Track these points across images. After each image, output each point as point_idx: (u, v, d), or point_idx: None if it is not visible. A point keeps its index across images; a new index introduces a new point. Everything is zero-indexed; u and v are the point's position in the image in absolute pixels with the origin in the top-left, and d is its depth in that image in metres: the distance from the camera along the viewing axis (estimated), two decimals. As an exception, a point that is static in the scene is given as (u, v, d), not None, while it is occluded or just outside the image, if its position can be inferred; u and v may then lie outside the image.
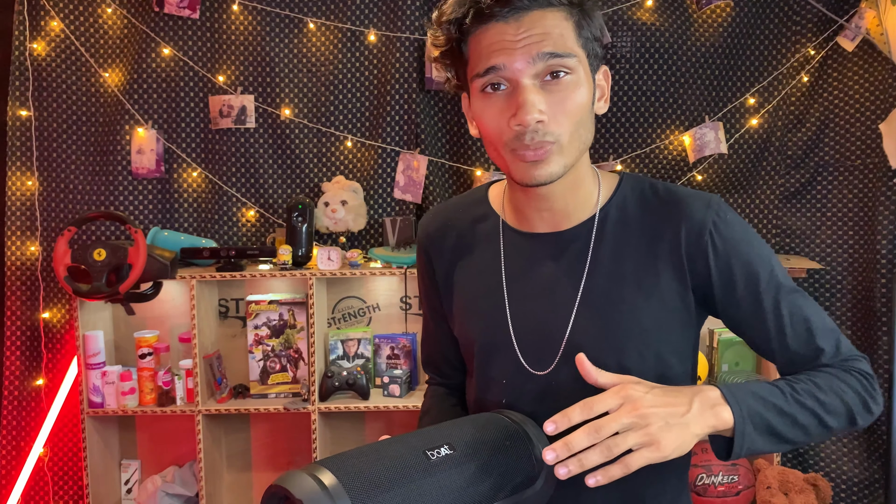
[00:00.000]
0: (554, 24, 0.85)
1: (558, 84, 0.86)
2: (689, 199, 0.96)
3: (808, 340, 0.94)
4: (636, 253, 0.95)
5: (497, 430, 0.87)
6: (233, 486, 2.66)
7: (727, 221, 0.94)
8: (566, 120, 0.87)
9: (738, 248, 0.93)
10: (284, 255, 2.35)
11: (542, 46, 0.84)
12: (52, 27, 2.50)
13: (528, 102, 0.85)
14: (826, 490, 2.30)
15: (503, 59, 0.85)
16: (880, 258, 2.43)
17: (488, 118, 0.89)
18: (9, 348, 2.53)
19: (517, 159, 0.89)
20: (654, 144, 2.54)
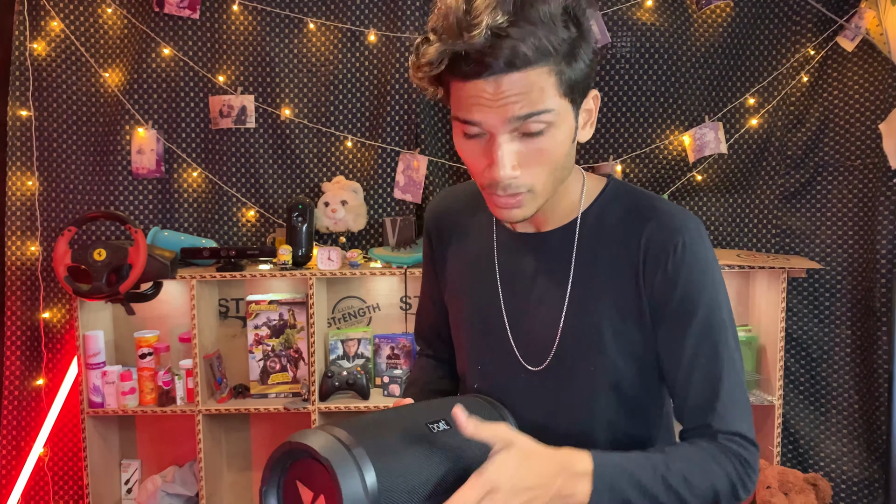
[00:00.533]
0: (533, 82, 0.83)
1: (534, 137, 0.87)
2: (666, 215, 0.96)
3: (708, 399, 0.94)
4: (607, 261, 0.97)
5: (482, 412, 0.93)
6: (233, 486, 2.67)
7: (692, 251, 0.93)
8: (541, 170, 0.89)
9: (688, 278, 0.93)
10: (284, 255, 2.35)
11: (519, 109, 0.84)
12: (52, 27, 2.50)
13: (502, 159, 0.86)
14: (826, 490, 2.30)
15: (480, 116, 0.86)
16: (880, 258, 2.43)
17: (467, 157, 0.92)
18: (9, 348, 2.53)
19: (492, 203, 0.92)
20: (654, 144, 2.54)
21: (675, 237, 0.93)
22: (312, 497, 0.76)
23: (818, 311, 2.55)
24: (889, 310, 2.40)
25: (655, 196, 1.01)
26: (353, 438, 0.77)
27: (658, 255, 0.93)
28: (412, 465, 0.79)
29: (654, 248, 0.94)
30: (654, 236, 0.94)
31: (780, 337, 2.36)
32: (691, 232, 0.94)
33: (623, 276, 0.96)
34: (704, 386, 0.94)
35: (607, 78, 2.51)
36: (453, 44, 0.82)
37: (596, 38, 0.90)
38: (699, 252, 0.94)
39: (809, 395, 2.58)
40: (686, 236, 0.94)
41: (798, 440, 2.56)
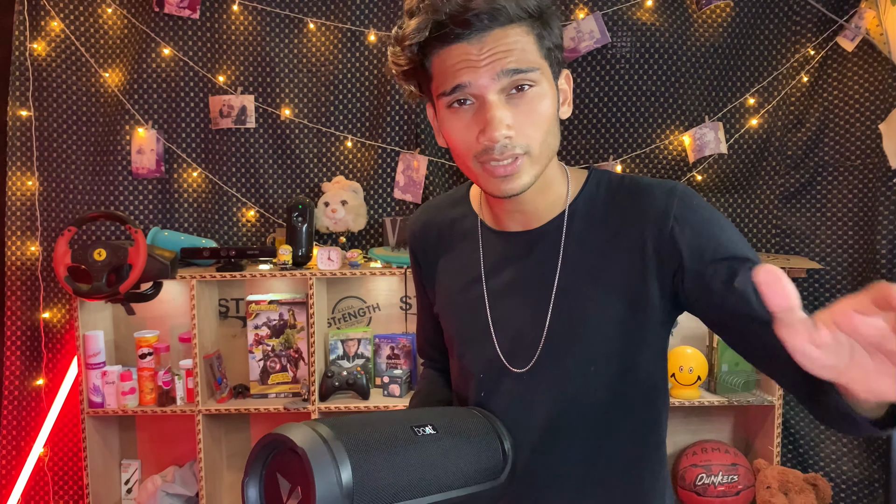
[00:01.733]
0: (515, 39, 0.86)
1: (523, 97, 0.87)
2: (651, 188, 0.94)
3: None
4: (602, 247, 0.95)
5: (473, 422, 0.93)
6: (233, 486, 2.66)
7: (691, 207, 0.92)
8: (534, 131, 0.88)
9: (706, 231, 0.90)
10: (284, 255, 2.35)
11: (506, 63, 0.85)
12: (52, 27, 2.50)
13: (495, 119, 0.86)
14: (826, 490, 2.30)
15: (468, 77, 0.86)
16: (880, 258, 2.43)
17: (456, 133, 0.90)
18: (9, 348, 2.53)
19: (487, 173, 0.90)
20: (654, 144, 2.54)
21: (670, 199, 0.92)
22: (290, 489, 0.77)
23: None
24: (889, 310, 2.39)
25: (636, 175, 1.00)
26: (334, 433, 0.78)
27: (668, 228, 0.90)
28: (392, 464, 0.80)
29: (659, 222, 0.91)
30: (653, 211, 0.92)
31: (780, 337, 2.35)
32: (681, 189, 0.93)
33: (620, 259, 0.93)
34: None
35: (607, 78, 2.51)
36: (434, 10, 0.85)
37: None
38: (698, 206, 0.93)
39: (809, 395, 2.57)
40: (678, 194, 0.92)
41: (798, 440, 2.56)
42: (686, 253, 0.89)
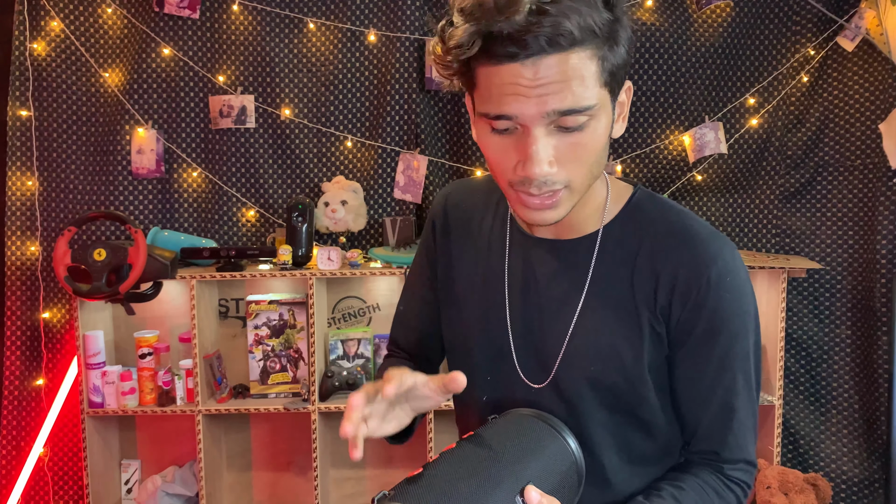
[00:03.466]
0: (576, 67, 0.75)
1: (573, 133, 0.79)
2: (700, 241, 0.89)
3: (721, 430, 0.92)
4: (630, 275, 0.91)
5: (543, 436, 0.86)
6: (233, 486, 2.67)
7: (725, 282, 0.88)
8: (577, 166, 0.81)
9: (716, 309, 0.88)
10: (284, 255, 2.35)
11: (559, 101, 0.76)
12: (52, 27, 2.50)
13: (538, 155, 0.78)
14: (826, 490, 2.30)
15: (516, 110, 0.77)
16: (880, 258, 2.43)
17: (493, 154, 0.83)
18: (9, 348, 2.53)
19: (521, 202, 0.84)
20: (654, 144, 2.54)
21: (709, 269, 0.87)
22: None
23: (818, 311, 2.55)
24: (889, 310, 2.40)
25: (688, 213, 0.93)
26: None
27: (689, 286, 0.87)
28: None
29: (685, 276, 0.88)
30: (686, 263, 0.88)
31: (780, 337, 2.36)
32: (726, 261, 0.88)
33: (645, 296, 0.90)
34: (719, 416, 0.92)
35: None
36: (488, 23, 0.74)
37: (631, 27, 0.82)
38: (732, 281, 0.88)
39: (809, 395, 2.57)
40: (720, 266, 0.87)
41: (798, 440, 2.56)
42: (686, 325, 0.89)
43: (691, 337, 0.89)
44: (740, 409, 0.92)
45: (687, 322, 0.89)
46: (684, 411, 0.94)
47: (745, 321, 0.90)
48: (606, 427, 0.94)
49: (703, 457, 0.95)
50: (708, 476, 0.93)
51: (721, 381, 0.91)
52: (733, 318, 0.89)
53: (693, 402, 0.93)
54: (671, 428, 0.97)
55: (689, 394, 0.93)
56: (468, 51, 0.76)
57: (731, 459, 0.93)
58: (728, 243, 0.91)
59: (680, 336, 0.90)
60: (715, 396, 0.91)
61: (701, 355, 0.90)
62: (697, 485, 0.92)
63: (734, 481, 0.94)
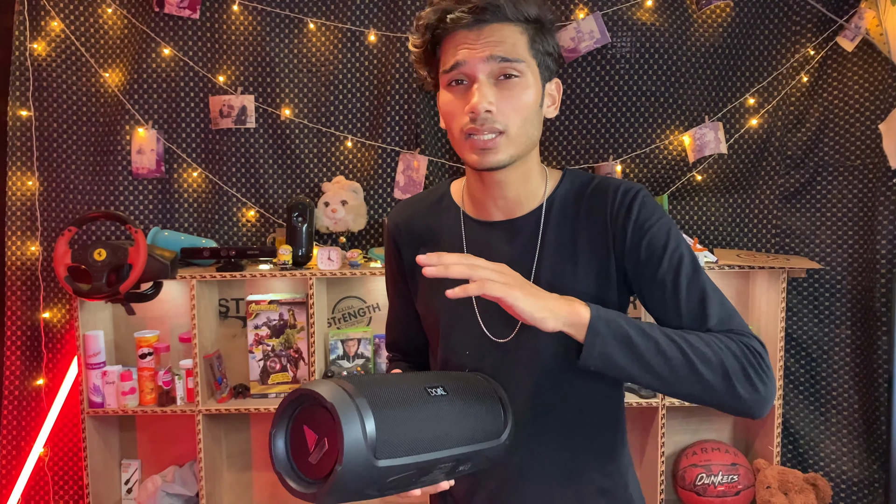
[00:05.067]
0: (509, 34, 1.01)
1: (508, 83, 1.02)
2: (616, 186, 1.09)
3: (699, 309, 1.01)
4: (575, 234, 1.08)
5: (478, 385, 1.01)
6: (233, 485, 2.67)
7: (647, 205, 1.07)
8: (513, 114, 1.02)
9: (650, 224, 1.05)
10: (284, 255, 2.36)
11: (496, 50, 1.00)
12: (52, 27, 2.50)
13: (480, 92, 1.01)
14: (826, 490, 2.30)
15: (464, 57, 1.01)
16: (880, 258, 2.43)
17: (450, 107, 1.04)
18: (9, 348, 2.53)
19: (469, 147, 1.04)
20: (654, 144, 2.54)
21: (633, 198, 1.06)
22: (316, 440, 0.83)
23: (818, 311, 2.55)
24: (889, 310, 2.40)
25: (605, 176, 1.16)
26: (358, 390, 0.83)
27: (625, 216, 1.06)
28: (410, 420, 0.86)
29: (619, 212, 1.06)
30: (617, 203, 1.07)
31: (780, 337, 2.36)
32: (641, 191, 1.08)
33: (592, 245, 1.07)
34: (693, 304, 1.02)
35: (607, 78, 2.51)
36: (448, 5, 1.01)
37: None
38: (647, 199, 1.08)
39: (809, 395, 2.58)
40: (640, 195, 1.07)
41: (798, 440, 2.56)
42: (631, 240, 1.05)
43: (643, 249, 1.04)
44: (711, 294, 1.02)
45: (634, 241, 1.05)
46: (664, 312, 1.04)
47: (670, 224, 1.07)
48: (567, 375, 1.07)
49: None
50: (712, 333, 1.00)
51: (679, 271, 1.03)
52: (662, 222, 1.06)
53: (669, 304, 1.03)
54: None
55: (662, 299, 1.04)
56: (434, 17, 1.03)
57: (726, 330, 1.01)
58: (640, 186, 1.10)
59: (635, 257, 1.05)
60: (681, 284, 1.02)
61: (656, 259, 1.04)
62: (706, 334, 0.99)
63: (737, 338, 0.98)
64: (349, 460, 0.79)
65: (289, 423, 0.86)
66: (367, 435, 0.80)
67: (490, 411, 0.98)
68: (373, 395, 0.84)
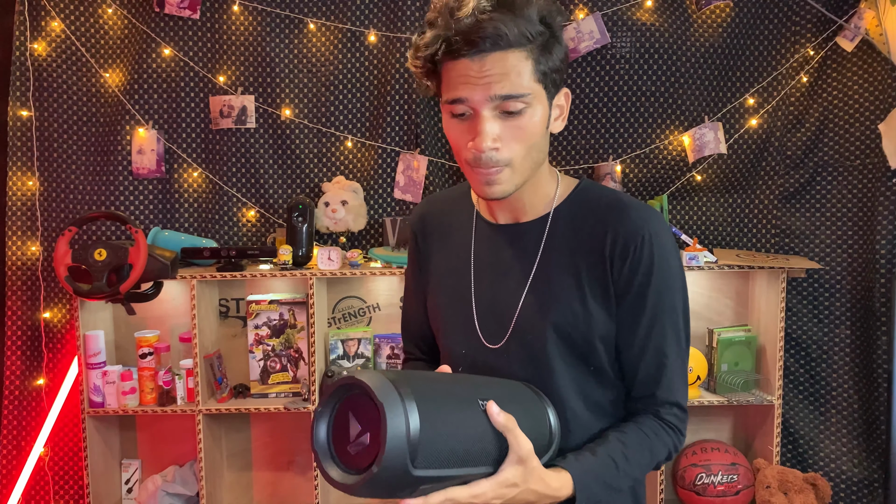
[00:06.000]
0: (513, 64, 0.96)
1: (512, 117, 0.98)
2: (632, 210, 1.06)
3: (654, 374, 1.07)
4: (578, 248, 1.07)
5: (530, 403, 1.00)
6: (233, 485, 2.67)
7: (655, 243, 1.04)
8: (518, 145, 1.00)
9: (649, 266, 1.04)
10: (285, 255, 2.36)
11: (500, 88, 0.96)
12: (52, 27, 2.51)
13: (483, 132, 0.98)
14: (825, 490, 2.30)
15: (466, 93, 0.97)
16: (880, 258, 2.43)
17: (453, 137, 1.03)
18: (9, 348, 2.53)
19: (474, 177, 1.03)
20: (653, 144, 2.54)
21: (641, 230, 1.04)
22: (360, 431, 0.82)
23: (818, 311, 2.56)
24: (889, 310, 2.40)
25: (621, 193, 1.12)
26: (407, 387, 0.81)
27: (626, 246, 1.04)
28: (456, 432, 0.85)
29: (623, 239, 1.04)
30: (623, 229, 1.05)
31: (779, 337, 2.36)
32: (654, 225, 1.05)
33: (591, 261, 1.06)
34: (653, 362, 1.07)
35: (607, 78, 2.51)
36: (445, 27, 0.96)
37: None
38: (661, 243, 1.05)
39: (809, 395, 2.58)
40: (651, 229, 1.04)
41: (798, 440, 2.56)
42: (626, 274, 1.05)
43: (630, 289, 1.05)
44: (671, 355, 1.07)
45: (627, 277, 1.04)
46: (624, 358, 1.09)
47: (672, 278, 1.07)
48: (565, 376, 1.07)
49: (641, 403, 1.10)
50: (645, 420, 1.08)
51: (653, 329, 1.06)
52: (662, 275, 1.05)
53: (632, 348, 1.07)
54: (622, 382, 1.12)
55: (627, 342, 1.07)
56: (433, 48, 0.98)
57: (664, 401, 1.08)
58: (655, 212, 1.08)
59: (622, 290, 1.05)
60: (650, 342, 1.06)
61: (636, 307, 1.05)
62: (637, 428, 1.07)
63: (668, 424, 1.08)
64: (387, 465, 0.77)
65: (335, 406, 0.85)
66: (410, 442, 0.78)
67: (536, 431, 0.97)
68: (424, 401, 0.82)
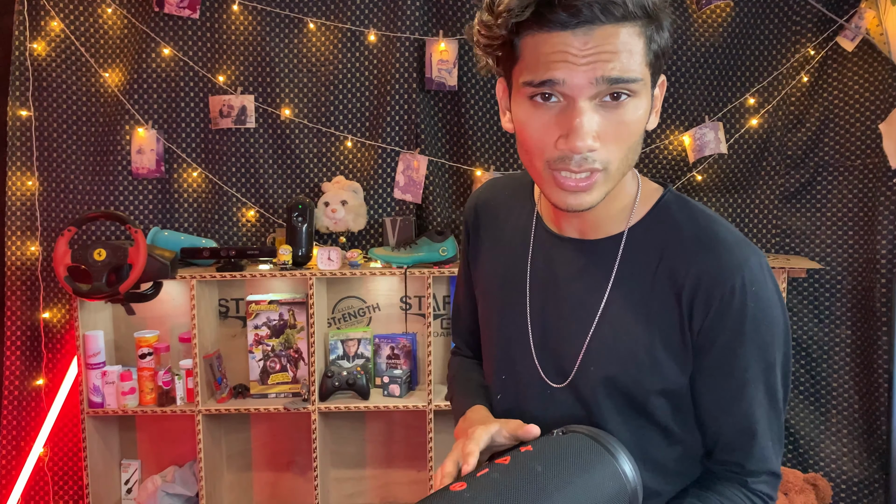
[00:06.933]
0: (626, 40, 0.76)
1: (617, 107, 0.79)
2: (726, 247, 0.87)
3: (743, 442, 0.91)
4: (652, 281, 0.88)
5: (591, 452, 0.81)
6: (233, 486, 2.67)
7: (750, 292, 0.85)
8: (618, 146, 0.80)
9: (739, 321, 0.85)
10: (284, 255, 2.35)
11: (610, 70, 0.76)
12: (52, 27, 2.50)
13: (583, 127, 0.77)
14: (826, 490, 2.30)
15: (564, 74, 0.76)
16: (880, 258, 2.43)
17: (532, 130, 0.81)
18: (9, 348, 2.53)
19: (556, 184, 0.82)
20: (654, 144, 2.54)
21: (733, 277, 0.85)
22: None
23: (818, 311, 2.55)
24: (889, 310, 2.40)
25: (716, 219, 0.91)
26: None
27: (711, 293, 0.85)
28: None
29: (707, 283, 0.85)
30: (709, 271, 0.85)
31: (780, 337, 2.35)
32: (752, 270, 0.86)
33: (666, 303, 0.87)
34: (741, 428, 0.90)
35: (607, 78, 2.51)
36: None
37: None
38: (758, 292, 0.85)
39: (809, 395, 2.58)
40: (745, 275, 0.85)
41: (798, 440, 2.56)
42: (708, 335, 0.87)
43: (714, 347, 0.87)
44: (762, 420, 0.90)
45: (709, 331, 0.86)
46: (706, 421, 0.92)
47: (771, 333, 0.87)
48: (623, 431, 0.90)
49: (726, 468, 0.93)
50: (732, 491, 0.91)
51: (744, 393, 0.88)
52: (758, 330, 0.86)
53: (714, 412, 0.91)
54: (690, 435, 0.94)
55: (710, 404, 0.90)
56: (519, 15, 0.76)
57: (754, 471, 0.91)
58: (756, 252, 0.88)
59: (702, 345, 0.87)
60: (738, 408, 0.89)
61: (723, 366, 0.87)
62: (719, 501, 0.90)
63: (758, 494, 0.92)
64: None
65: None
66: None
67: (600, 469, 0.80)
68: None
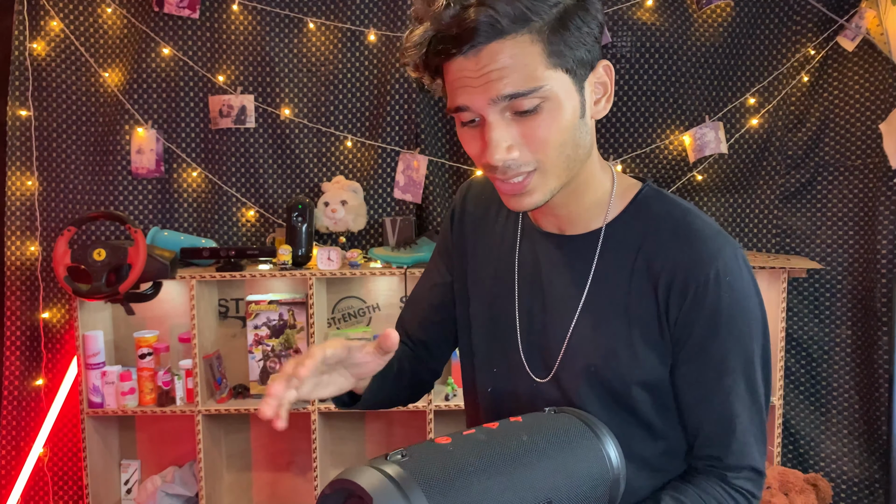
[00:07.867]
0: (515, 54, 0.77)
1: (532, 116, 0.81)
2: (701, 238, 0.88)
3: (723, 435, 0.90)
4: (630, 278, 0.90)
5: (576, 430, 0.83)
6: (233, 486, 2.66)
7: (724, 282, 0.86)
8: (542, 146, 0.82)
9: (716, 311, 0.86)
10: (284, 255, 2.35)
11: (503, 87, 0.78)
12: (52, 27, 2.50)
13: (492, 142, 0.81)
14: (826, 490, 2.30)
15: (465, 99, 0.81)
16: (880, 258, 2.43)
17: (467, 147, 0.87)
18: (9, 348, 2.52)
19: (500, 189, 0.87)
20: (654, 144, 2.54)
21: (708, 267, 0.86)
22: None
23: (818, 311, 2.55)
24: (889, 310, 2.40)
25: (693, 211, 0.92)
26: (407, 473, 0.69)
27: (686, 283, 0.86)
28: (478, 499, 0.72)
29: (683, 274, 0.87)
30: (684, 261, 0.87)
31: (780, 337, 2.36)
32: (727, 260, 0.87)
33: (644, 295, 0.89)
34: (720, 421, 0.90)
35: (607, 78, 2.51)
36: (434, 21, 0.79)
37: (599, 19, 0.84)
38: (733, 283, 0.87)
39: (809, 395, 2.57)
40: (720, 266, 0.86)
41: (798, 440, 2.56)
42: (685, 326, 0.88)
43: (690, 338, 0.88)
44: (742, 414, 0.90)
45: (686, 322, 0.88)
46: (686, 414, 0.93)
47: (747, 324, 0.88)
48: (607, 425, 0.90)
49: (706, 463, 0.93)
50: (711, 485, 0.91)
51: (722, 383, 0.89)
52: (733, 320, 0.87)
53: (694, 405, 0.91)
54: (674, 431, 0.95)
55: (689, 396, 0.91)
56: (420, 49, 0.82)
57: (734, 466, 0.91)
58: (731, 242, 0.89)
59: (679, 336, 0.89)
60: (716, 399, 0.90)
61: (700, 357, 0.89)
62: (698, 495, 0.90)
63: (738, 490, 0.91)
64: None
65: None
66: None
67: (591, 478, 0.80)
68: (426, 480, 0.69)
